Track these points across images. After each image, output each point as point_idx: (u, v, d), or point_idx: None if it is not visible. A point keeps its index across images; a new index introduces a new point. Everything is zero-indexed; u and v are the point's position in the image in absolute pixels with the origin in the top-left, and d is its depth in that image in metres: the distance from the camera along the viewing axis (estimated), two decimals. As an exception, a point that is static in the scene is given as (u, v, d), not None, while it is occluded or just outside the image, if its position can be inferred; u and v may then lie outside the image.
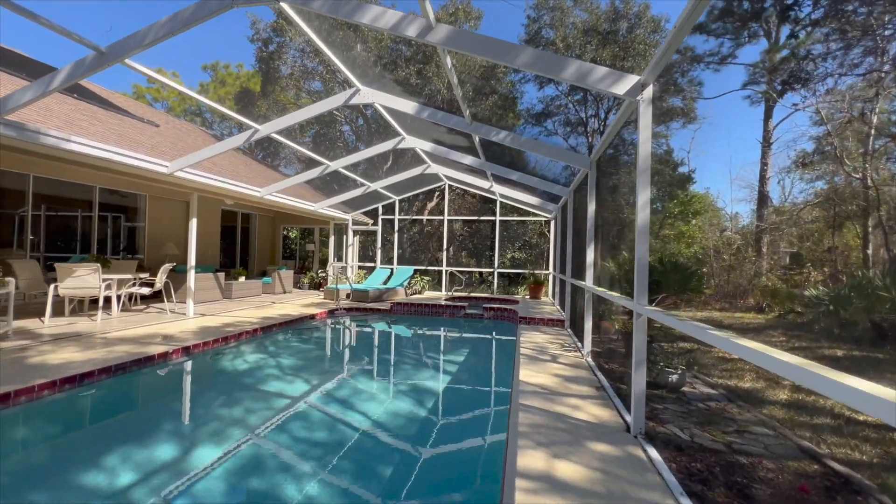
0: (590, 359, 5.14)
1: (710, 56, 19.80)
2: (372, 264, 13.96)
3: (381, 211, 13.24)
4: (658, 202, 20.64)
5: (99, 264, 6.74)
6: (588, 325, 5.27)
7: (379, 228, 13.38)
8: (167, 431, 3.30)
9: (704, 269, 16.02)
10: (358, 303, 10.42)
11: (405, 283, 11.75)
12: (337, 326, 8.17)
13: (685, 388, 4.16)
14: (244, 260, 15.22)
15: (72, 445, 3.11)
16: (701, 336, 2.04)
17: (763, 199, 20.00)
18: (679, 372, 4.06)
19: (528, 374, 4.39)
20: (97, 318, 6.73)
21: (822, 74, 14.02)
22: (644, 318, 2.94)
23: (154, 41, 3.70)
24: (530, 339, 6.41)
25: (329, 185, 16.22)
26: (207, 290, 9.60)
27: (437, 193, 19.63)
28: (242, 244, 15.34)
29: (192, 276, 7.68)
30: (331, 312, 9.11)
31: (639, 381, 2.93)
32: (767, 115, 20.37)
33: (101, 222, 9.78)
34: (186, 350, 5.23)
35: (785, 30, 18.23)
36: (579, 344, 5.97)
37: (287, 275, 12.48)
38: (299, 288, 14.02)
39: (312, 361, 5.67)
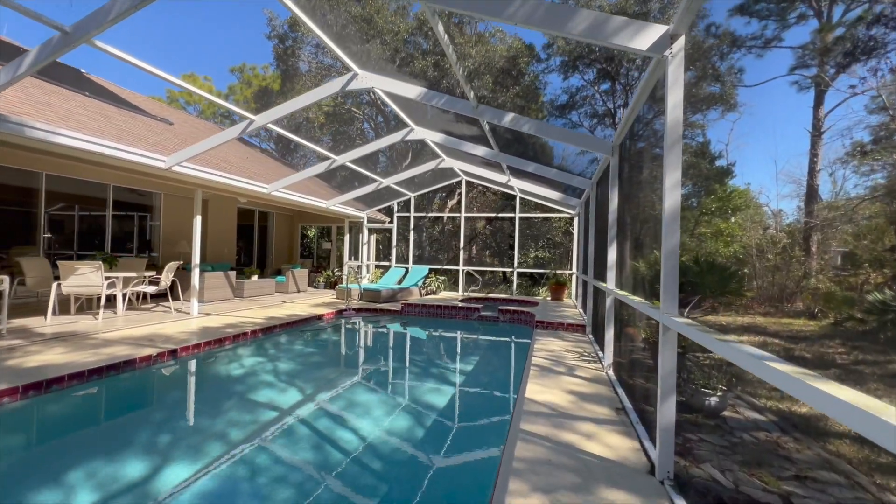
0: (611, 372, 4.50)
1: (751, 40, 18.33)
2: (389, 263, 13.60)
3: (396, 208, 12.86)
4: (693, 198, 19.29)
5: (101, 262, 6.63)
6: (609, 333, 4.63)
7: (394, 226, 12.99)
8: (131, 448, 2.95)
9: (745, 270, 14.76)
10: (370, 303, 10.05)
11: (419, 283, 11.31)
12: (343, 328, 7.80)
13: (726, 412, 3.48)
14: (262, 258, 15.21)
15: (18, 462, 2.80)
16: (751, 367, 1.44)
17: (812, 193, 18.36)
18: (719, 393, 3.38)
19: (537, 390, 3.81)
20: (99, 318, 6.62)
21: (886, 51, 12.54)
22: (673, 334, 2.32)
23: (118, 16, 3.37)
24: (545, 346, 5.79)
25: (349, 182, 16.05)
26: (218, 289, 9.48)
27: (458, 191, 19.13)
28: (260, 242, 15.34)
29: (196, 274, 7.50)
30: (339, 313, 8.77)
31: (667, 412, 2.32)
32: (818, 102, 18.67)
33: (117, 220, 9.83)
34: (174, 353, 4.95)
35: (838, 9, 16.59)
36: (600, 353, 5.32)
37: (301, 273, 12.29)
38: (315, 287, 13.85)
39: (308, 368, 5.29)
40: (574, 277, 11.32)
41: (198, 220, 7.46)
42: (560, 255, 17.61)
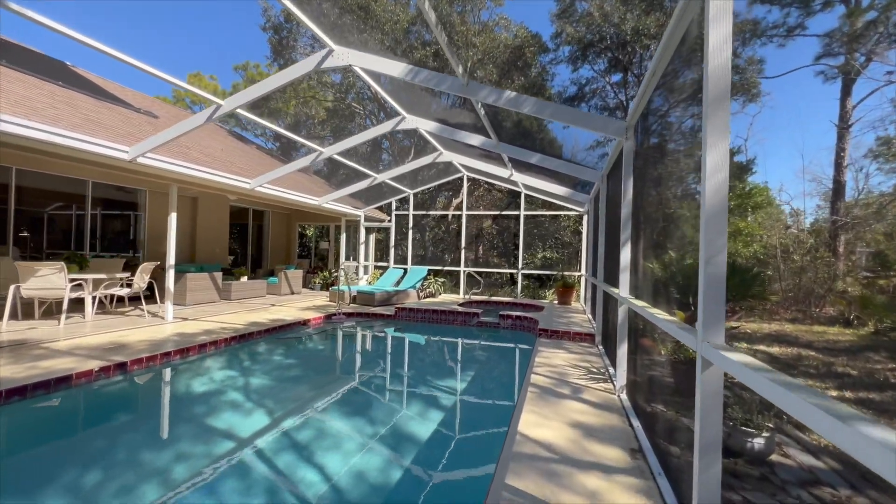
0: (624, 395, 3.79)
1: (773, 29, 17.35)
2: (388, 264, 12.97)
3: (394, 206, 12.22)
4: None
5: (63, 263, 6.10)
6: (623, 349, 3.91)
7: (392, 225, 12.36)
8: (38, 486, 2.34)
9: (768, 272, 13.80)
10: (363, 306, 9.43)
11: (418, 286, 10.66)
12: (327, 336, 7.18)
13: (773, 456, 2.75)
14: (257, 258, 14.72)
15: None
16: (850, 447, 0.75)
17: (839, 190, 17.28)
18: (765, 433, 2.65)
19: (533, 421, 3.13)
20: (61, 323, 6.09)
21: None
22: (718, 372, 1.62)
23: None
24: (547, 359, 5.09)
25: (351, 180, 15.48)
26: (202, 292, 8.95)
27: (466, 191, 18.46)
28: (256, 242, 14.85)
29: (171, 276, 6.95)
30: (328, 318, 8.16)
31: (709, 476, 1.63)
32: (845, 93, 17.58)
33: (98, 219, 9.37)
34: (122, 367, 4.36)
35: (868, -8, 15.50)
36: (611, 370, 4.60)
37: (295, 274, 11.73)
38: (311, 288, 13.29)
39: (279, 384, 4.67)
40: (583, 280, 10.57)
41: (173, 217, 6.90)
42: (569, 256, 16.82)
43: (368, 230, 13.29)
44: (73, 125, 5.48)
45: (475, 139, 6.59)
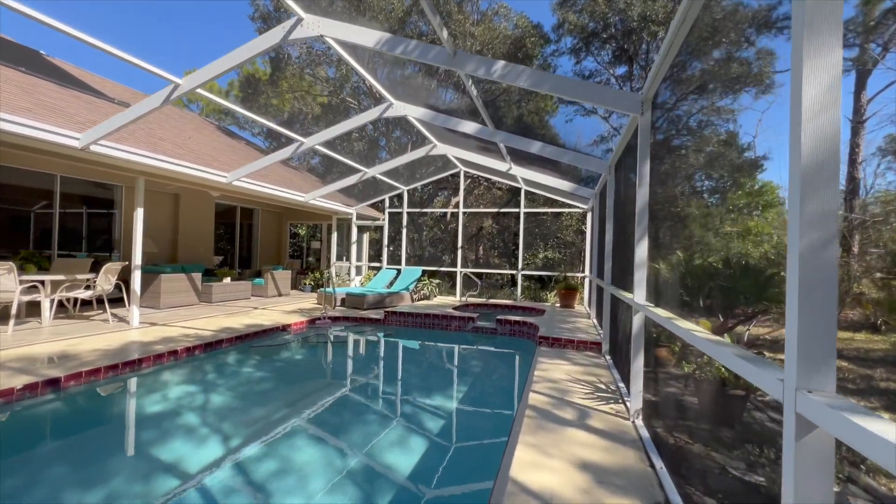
0: (639, 421, 3.16)
1: (783, 21, 16.67)
2: (381, 264, 12.37)
3: (388, 203, 11.62)
4: (717, 193, 17.71)
5: (13, 263, 5.52)
6: (638, 364, 3.29)
7: (385, 223, 11.76)
8: None
9: (782, 273, 13.17)
10: (352, 310, 8.83)
11: (411, 287, 10.05)
12: (306, 343, 6.57)
13: (839, 513, 2.12)
14: (247, 259, 14.14)
15: None
16: None
17: (854, 187, 16.64)
18: (836, 488, 2.02)
19: (530, 461, 2.51)
20: (9, 329, 5.50)
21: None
22: (827, 439, 0.99)
23: None
24: (548, 372, 4.46)
25: (346, 176, 14.91)
26: (179, 294, 8.35)
27: (463, 186, 17.83)
28: (245, 242, 14.28)
29: (136, 277, 6.36)
30: (312, 322, 7.56)
31: None
32: (860, 87, 16.92)
33: (70, 217, 8.80)
34: (54, 384, 3.76)
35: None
36: (622, 387, 3.97)
37: (283, 275, 11.14)
38: (301, 290, 12.69)
39: (241, 402, 4.06)
40: (587, 281, 9.94)
41: (139, 214, 6.32)
42: (571, 256, 16.18)
43: (361, 229, 12.69)
44: (15, 109, 4.89)
45: (469, 126, 5.98)
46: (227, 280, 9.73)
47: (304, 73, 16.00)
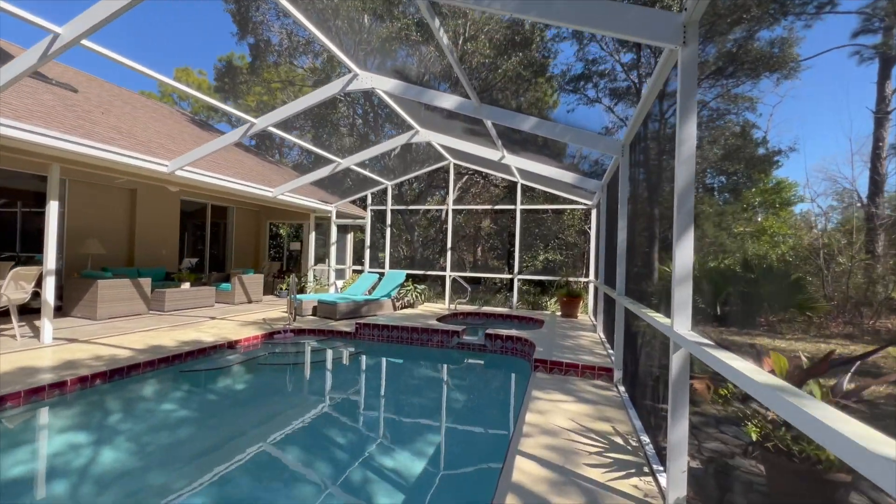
0: (680, 495, 2.02)
1: (800, 6, 15.58)
2: (371, 269, 11.25)
3: (370, 200, 10.50)
4: (727, 191, 16.46)
5: None
6: (679, 431, 2.14)
7: (368, 222, 10.63)
8: None
9: (808, 277, 11.97)
10: (324, 320, 7.72)
11: (393, 293, 8.93)
12: (253, 366, 5.44)
13: None
14: (221, 261, 13.06)
15: None
16: None
17: (878, 184, 15.46)
18: None
19: None
20: None
21: None
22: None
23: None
24: (545, 417, 3.33)
25: (337, 173, 13.82)
26: (121, 302, 7.25)
27: (458, 184, 16.69)
28: (218, 243, 13.20)
29: (49, 285, 5.25)
30: (269, 336, 6.44)
31: None
32: (884, 76, 15.76)
33: None
34: None
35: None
36: (647, 443, 2.84)
37: (254, 280, 10.03)
38: (277, 295, 11.59)
39: (135, 456, 2.95)
40: (591, 287, 8.80)
41: (52, 207, 5.22)
42: (574, 259, 15.06)
43: (342, 228, 11.58)
44: None
45: (449, 100, 4.86)
46: (186, 286, 8.62)
47: (289, 62, 14.91)
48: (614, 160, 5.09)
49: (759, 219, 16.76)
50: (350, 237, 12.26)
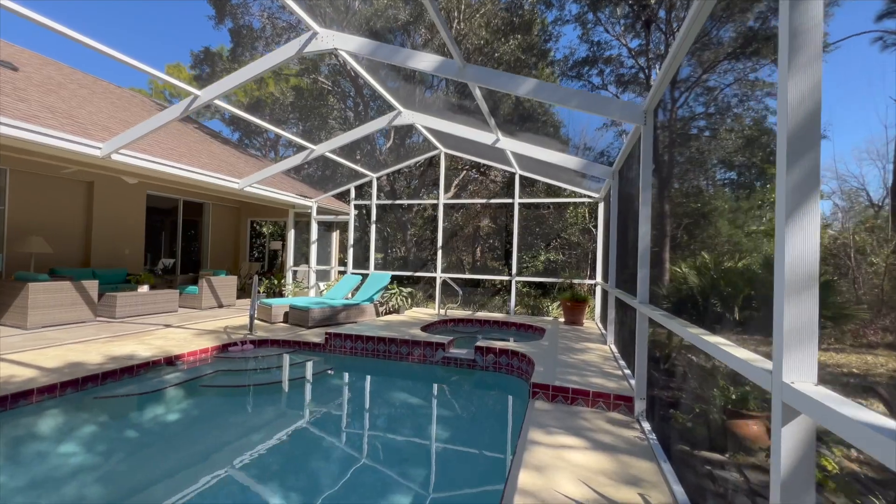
0: None
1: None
2: (355, 270, 10.31)
3: (353, 194, 9.55)
4: (743, 188, 15.43)
5: None
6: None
7: (351, 217, 9.69)
8: None
9: (836, 279, 10.99)
10: (295, 327, 6.79)
11: (376, 298, 7.98)
12: (191, 389, 4.48)
13: None
14: (195, 262, 12.15)
15: None
16: None
17: (904, 178, 14.44)
18: None
19: None
20: None
21: None
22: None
23: None
24: (546, 475, 2.37)
25: (329, 166, 12.89)
26: (59, 309, 6.31)
27: (455, 182, 15.73)
28: (193, 242, 12.29)
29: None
30: (224, 349, 5.50)
31: None
32: (909, 63, 14.75)
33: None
34: None
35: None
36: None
37: (225, 282, 9.09)
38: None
39: None
40: (598, 290, 7.84)
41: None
42: (577, 259, 14.10)
43: (327, 225, 10.65)
44: None
45: (426, 60, 3.91)
46: (144, 289, 7.68)
47: (268, 44, 13.95)
48: (630, 137, 4.14)
49: (767, 217, 15.70)
50: (335, 236, 11.32)
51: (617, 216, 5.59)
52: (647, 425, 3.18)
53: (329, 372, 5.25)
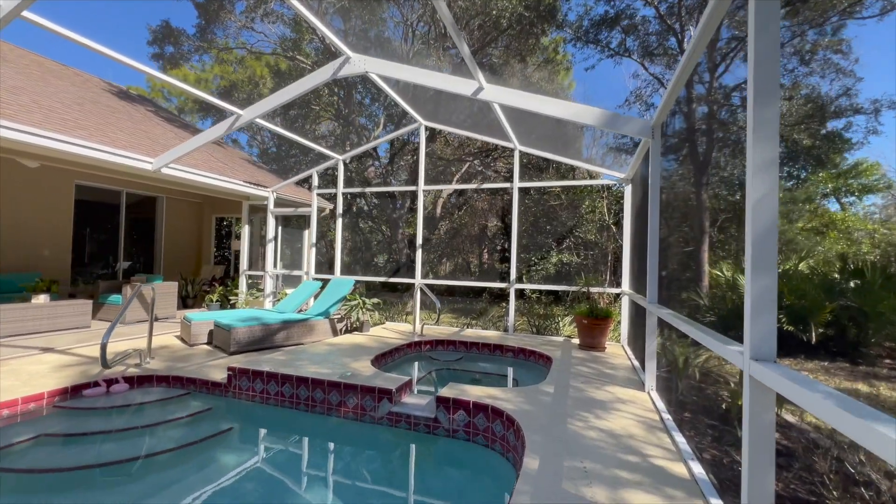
0: None
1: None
2: (318, 275, 8.56)
3: (316, 181, 7.77)
4: (791, 178, 13.19)
5: None
6: None
7: (314, 210, 7.92)
8: None
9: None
10: (217, 350, 5.05)
11: (333, 311, 6.20)
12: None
13: None
14: (146, 264, 10.59)
15: None
16: None
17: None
18: None
19: None
20: None
21: None
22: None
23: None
24: None
25: (298, 154, 11.29)
26: None
27: (457, 175, 13.88)
28: (143, 242, 10.75)
29: None
30: (74, 393, 3.77)
31: None
32: None
33: None
34: None
35: None
36: None
37: (163, 290, 7.43)
38: (207, 307, 8.98)
39: None
40: (624, 302, 5.90)
41: None
42: (595, 261, 12.11)
43: (295, 220, 8.93)
44: None
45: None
46: (41, 299, 6.05)
47: (249, 25, 12.37)
48: (674, 79, 2.26)
49: (842, 214, 13.42)
50: (306, 234, 9.60)
51: (658, 198, 3.66)
52: None
53: (220, 435, 3.46)
